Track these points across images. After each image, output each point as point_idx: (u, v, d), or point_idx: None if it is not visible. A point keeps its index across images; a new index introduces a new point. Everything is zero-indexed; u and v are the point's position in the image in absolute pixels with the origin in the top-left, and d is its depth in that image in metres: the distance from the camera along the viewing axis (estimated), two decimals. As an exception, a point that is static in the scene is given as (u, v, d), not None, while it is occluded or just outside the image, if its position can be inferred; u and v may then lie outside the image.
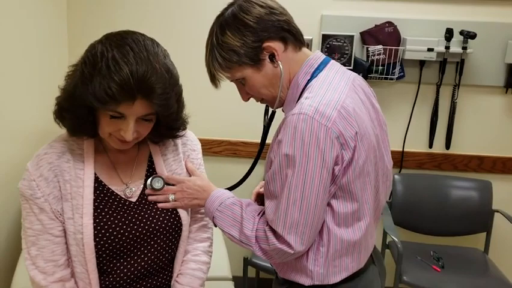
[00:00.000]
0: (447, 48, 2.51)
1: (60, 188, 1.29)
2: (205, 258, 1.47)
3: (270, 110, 1.42)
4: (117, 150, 1.35)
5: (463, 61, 2.56)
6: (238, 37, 1.27)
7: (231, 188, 1.51)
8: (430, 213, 2.69)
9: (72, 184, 1.30)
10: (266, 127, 1.45)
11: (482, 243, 2.72)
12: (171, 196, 1.40)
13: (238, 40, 1.26)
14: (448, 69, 2.59)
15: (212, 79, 1.36)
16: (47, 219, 1.28)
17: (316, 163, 1.17)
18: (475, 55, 2.56)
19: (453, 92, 2.64)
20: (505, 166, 2.74)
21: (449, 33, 2.49)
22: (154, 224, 1.36)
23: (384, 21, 2.53)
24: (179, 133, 1.42)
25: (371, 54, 2.53)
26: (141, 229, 1.34)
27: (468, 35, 2.46)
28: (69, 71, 1.28)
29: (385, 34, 2.53)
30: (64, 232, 1.30)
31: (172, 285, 1.42)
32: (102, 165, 1.36)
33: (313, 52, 1.35)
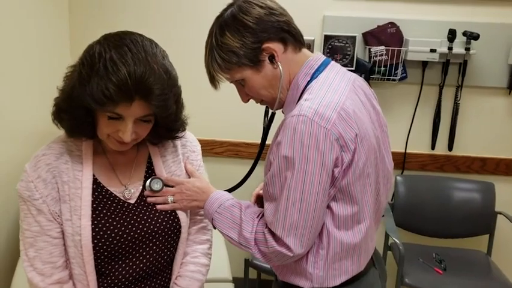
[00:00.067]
0: (450, 49, 2.49)
1: (58, 190, 1.29)
2: (204, 260, 1.46)
3: (270, 112, 1.41)
4: (116, 151, 1.34)
5: (466, 62, 2.54)
6: (237, 38, 1.26)
7: (231, 190, 1.50)
8: (433, 215, 2.67)
9: (70, 185, 1.29)
10: (266, 128, 1.44)
11: (485, 245, 2.70)
12: (170, 198, 1.39)
13: (237, 41, 1.26)
14: (451, 70, 2.57)
15: (211, 80, 1.35)
16: (45, 220, 1.27)
17: (315, 165, 1.16)
18: (478, 56, 2.55)
19: (456, 93, 2.62)
20: (508, 168, 2.72)
21: (452, 34, 2.48)
22: (153, 226, 1.35)
23: (386, 21, 2.52)
24: (178, 134, 1.41)
25: (373, 55, 2.52)
26: (140, 231, 1.33)
27: (471, 36, 2.44)
28: (67, 72, 1.27)
29: (387, 35, 2.51)
30: (62, 234, 1.30)
31: (171, 287, 1.41)
32: (101, 166, 1.35)
33: (313, 53, 1.34)
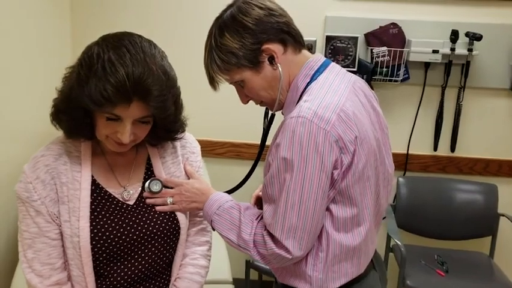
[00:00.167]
0: (452, 50, 2.48)
1: (57, 191, 1.28)
2: (203, 262, 1.45)
3: (270, 113, 1.40)
4: (115, 152, 1.34)
5: (469, 63, 2.53)
6: (236, 39, 1.25)
7: (230, 191, 1.49)
8: (435, 216, 2.66)
9: (69, 187, 1.28)
10: (265, 130, 1.43)
11: (487, 247, 2.68)
12: (169, 199, 1.38)
13: (236, 42, 1.25)
14: (453, 71, 2.56)
15: (211, 81, 1.34)
16: (44, 222, 1.27)
17: (314, 167, 1.15)
18: (481, 57, 2.53)
19: (458, 94, 2.61)
20: (511, 169, 2.71)
21: (454, 34, 2.47)
22: (152, 227, 1.34)
23: (388, 22, 2.51)
24: (177, 135, 1.41)
25: (376, 56, 2.51)
26: (138, 232, 1.32)
27: (474, 37, 2.43)
28: (66, 73, 1.27)
29: (390, 36, 2.50)
30: (61, 235, 1.29)
31: (170, 289, 1.41)
32: (99, 167, 1.35)
33: (313, 54, 1.34)
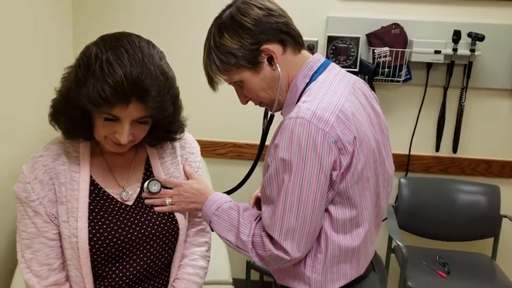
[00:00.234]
0: (454, 50, 2.47)
1: (55, 191, 1.28)
2: (202, 263, 1.45)
3: (269, 113, 1.40)
4: (114, 153, 1.33)
5: (471, 63, 2.52)
6: (235, 39, 1.25)
7: (230, 192, 1.49)
8: (436, 217, 2.65)
9: (67, 187, 1.28)
10: (265, 130, 1.42)
11: (489, 248, 2.67)
12: (168, 200, 1.38)
13: (235, 42, 1.24)
14: (456, 71, 2.55)
15: (210, 82, 1.34)
16: (42, 222, 1.27)
17: (313, 168, 1.14)
18: (483, 57, 2.52)
19: (460, 95, 2.60)
20: (514, 171, 2.69)
21: (456, 35, 2.45)
22: (150, 228, 1.34)
23: (390, 22, 2.50)
24: (176, 136, 1.40)
25: (377, 56, 2.50)
26: (137, 233, 1.32)
27: (476, 37, 2.41)
28: (65, 73, 1.27)
29: (391, 36, 2.49)
30: (59, 235, 1.29)
31: (169, 290, 1.41)
32: (98, 168, 1.35)
33: (313, 55, 1.33)
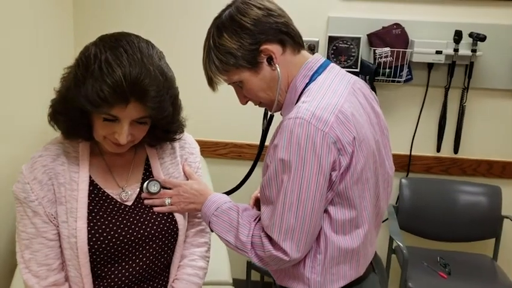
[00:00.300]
0: (456, 50, 2.46)
1: (54, 191, 1.28)
2: (201, 263, 1.45)
3: (269, 114, 1.40)
4: (113, 153, 1.33)
5: (472, 64, 2.51)
6: (235, 39, 1.24)
7: (229, 192, 1.49)
8: (438, 218, 2.64)
9: (66, 187, 1.28)
10: (264, 131, 1.42)
11: (490, 249, 2.66)
12: (167, 200, 1.38)
13: (235, 42, 1.24)
14: (457, 72, 2.54)
15: (209, 82, 1.34)
16: (41, 222, 1.27)
17: (312, 169, 1.14)
18: (485, 58, 2.51)
19: (462, 95, 2.59)
20: (515, 171, 2.68)
21: (458, 35, 2.44)
22: (150, 228, 1.34)
23: (391, 23, 2.49)
24: (176, 136, 1.40)
25: (378, 56, 2.49)
26: (136, 233, 1.32)
27: (478, 38, 2.40)
28: (64, 73, 1.27)
29: (392, 36, 2.49)
30: (58, 236, 1.29)
31: (168, 290, 1.40)
32: (98, 168, 1.35)
33: (312, 55, 1.33)
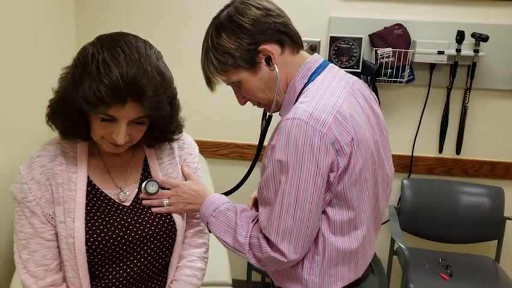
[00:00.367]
0: (458, 51, 2.44)
1: (52, 192, 1.28)
2: (200, 264, 1.44)
3: (268, 114, 1.39)
4: (111, 153, 1.33)
5: (475, 64, 2.49)
6: (233, 39, 1.24)
7: (228, 193, 1.49)
8: (439, 219, 2.63)
9: (64, 187, 1.28)
10: (263, 131, 1.42)
11: (493, 251, 2.64)
12: (165, 200, 1.37)
13: (233, 43, 1.24)
14: (459, 72, 2.52)
15: (208, 82, 1.33)
16: (39, 222, 1.27)
17: (310, 170, 1.13)
18: (487, 58, 2.49)
19: (464, 96, 2.58)
20: (518, 172, 2.67)
21: (460, 35, 2.43)
22: (148, 229, 1.33)
23: (393, 23, 2.48)
24: (174, 136, 1.40)
25: (380, 56, 2.48)
26: (134, 234, 1.32)
27: (480, 38, 2.39)
28: (62, 73, 1.27)
29: (394, 36, 2.47)
30: (56, 236, 1.29)
31: (166, 291, 1.40)
32: (96, 168, 1.34)
33: (311, 55, 1.32)
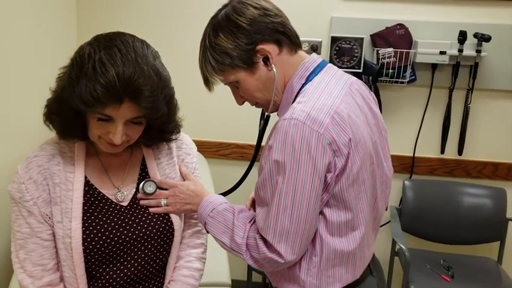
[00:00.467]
0: (460, 51, 2.43)
1: (49, 191, 1.28)
2: (197, 264, 1.44)
3: (266, 114, 1.39)
4: (109, 153, 1.32)
5: (477, 64, 2.48)
6: (231, 39, 1.23)
7: (226, 193, 1.48)
8: (441, 220, 2.61)
9: (62, 187, 1.28)
10: (261, 131, 1.41)
11: (495, 252, 2.63)
12: (163, 201, 1.37)
13: (230, 42, 1.23)
14: (461, 72, 2.51)
15: (206, 82, 1.33)
16: (36, 222, 1.26)
17: (307, 170, 1.13)
18: (489, 58, 2.48)
19: (466, 96, 2.56)
20: (521, 173, 2.65)
21: (462, 35, 2.42)
22: (145, 229, 1.33)
23: (395, 23, 2.47)
24: (172, 136, 1.39)
25: (382, 57, 2.47)
26: (131, 234, 1.31)
27: (482, 38, 2.38)
28: (60, 73, 1.26)
29: (396, 36, 2.46)
30: (53, 236, 1.29)
31: (164, 291, 1.40)
32: (93, 168, 1.34)
33: (309, 55, 1.31)
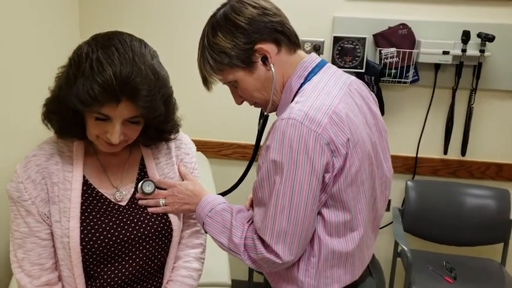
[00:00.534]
0: (463, 51, 2.42)
1: (48, 191, 1.27)
2: (196, 265, 1.43)
3: (264, 114, 1.38)
4: (108, 153, 1.32)
5: (481, 64, 2.46)
6: (229, 39, 1.23)
7: (225, 193, 1.48)
8: (444, 221, 2.60)
9: (60, 187, 1.28)
10: (260, 131, 1.41)
11: (499, 254, 2.61)
12: (162, 200, 1.37)
13: (229, 42, 1.23)
14: (465, 73, 2.49)
15: (204, 81, 1.33)
16: (34, 222, 1.26)
17: (305, 170, 1.12)
18: (493, 58, 2.47)
19: (470, 97, 2.55)
20: (525, 174, 2.63)
21: (466, 35, 2.40)
22: (143, 229, 1.33)
23: (398, 23, 2.46)
24: (171, 136, 1.39)
25: (384, 57, 2.46)
26: (130, 233, 1.31)
27: (486, 38, 2.36)
28: (58, 72, 1.26)
29: (399, 36, 2.45)
30: (51, 235, 1.28)
31: (162, 291, 1.39)
32: (92, 168, 1.34)
33: (308, 55, 1.31)
